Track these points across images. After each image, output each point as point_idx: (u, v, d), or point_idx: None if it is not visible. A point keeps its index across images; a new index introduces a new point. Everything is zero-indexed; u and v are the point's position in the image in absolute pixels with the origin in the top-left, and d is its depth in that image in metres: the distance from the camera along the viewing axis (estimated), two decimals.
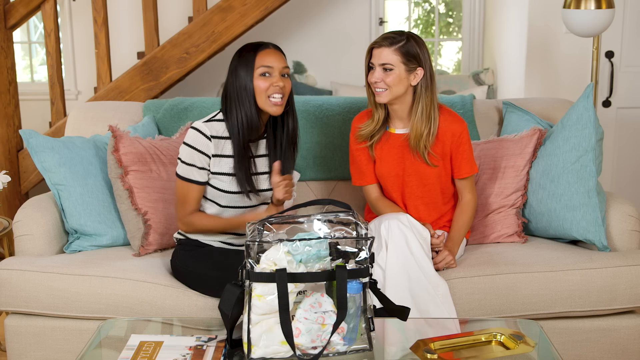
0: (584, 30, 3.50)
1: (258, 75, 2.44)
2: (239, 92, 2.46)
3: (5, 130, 4.33)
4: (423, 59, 2.59)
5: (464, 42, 5.71)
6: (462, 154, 2.68)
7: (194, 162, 2.49)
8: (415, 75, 2.59)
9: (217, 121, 2.53)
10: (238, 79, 2.46)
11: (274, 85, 2.44)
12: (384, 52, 2.57)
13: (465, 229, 2.73)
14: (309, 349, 1.95)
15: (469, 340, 2.07)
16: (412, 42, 2.57)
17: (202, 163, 2.50)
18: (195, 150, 2.48)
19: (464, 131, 2.67)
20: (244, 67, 2.45)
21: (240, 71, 2.46)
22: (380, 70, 2.57)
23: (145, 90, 4.38)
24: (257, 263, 1.94)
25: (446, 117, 2.67)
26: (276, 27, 5.39)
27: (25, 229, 2.75)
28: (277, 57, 2.47)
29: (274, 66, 2.45)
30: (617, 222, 2.76)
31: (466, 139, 2.68)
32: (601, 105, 4.14)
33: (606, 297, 2.60)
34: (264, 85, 2.44)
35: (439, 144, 2.67)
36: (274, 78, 2.45)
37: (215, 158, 2.51)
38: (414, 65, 2.57)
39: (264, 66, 2.44)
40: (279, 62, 2.47)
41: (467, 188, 2.74)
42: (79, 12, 5.40)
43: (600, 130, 2.77)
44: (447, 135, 2.66)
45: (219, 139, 2.50)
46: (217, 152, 2.51)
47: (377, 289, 2.05)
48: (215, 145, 2.49)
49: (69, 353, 2.61)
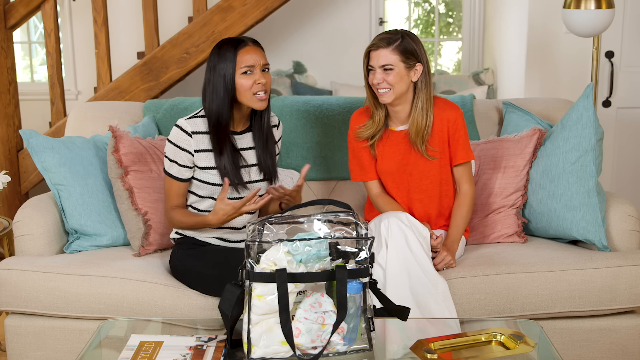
0: (584, 30, 3.50)
1: (240, 74, 2.46)
2: (216, 88, 2.49)
3: (5, 130, 4.33)
4: (420, 54, 2.62)
5: (464, 42, 5.70)
6: (458, 140, 2.70)
7: (176, 158, 2.54)
8: (415, 72, 2.62)
9: (200, 117, 2.56)
10: (216, 75, 2.48)
11: (257, 83, 2.47)
12: (382, 53, 2.58)
13: (465, 223, 2.73)
14: (309, 349, 1.95)
15: (469, 340, 2.07)
16: (408, 39, 2.60)
17: (184, 160, 2.53)
18: (177, 147, 2.53)
19: (459, 117, 2.70)
20: (224, 63, 2.47)
21: (220, 67, 2.47)
22: (381, 71, 2.59)
23: (145, 90, 4.38)
24: (257, 263, 1.94)
25: (441, 106, 2.70)
26: (276, 27, 5.39)
27: (25, 229, 2.75)
28: (257, 53, 2.49)
29: (255, 64, 2.47)
30: (617, 222, 2.76)
31: (461, 125, 2.70)
32: (601, 105, 4.14)
33: (606, 297, 2.60)
34: (248, 83, 2.46)
35: (436, 134, 2.69)
36: (256, 75, 2.47)
37: (198, 153, 2.53)
38: (412, 62, 2.60)
39: (246, 65, 2.46)
40: (260, 58, 2.49)
41: (464, 177, 2.74)
42: (79, 12, 5.40)
43: (600, 130, 2.77)
44: (443, 123, 2.68)
45: (202, 134, 2.53)
46: (200, 147, 2.53)
47: (377, 289, 2.05)
48: (197, 141, 2.52)
49: (69, 353, 2.61)
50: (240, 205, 2.44)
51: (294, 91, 5.04)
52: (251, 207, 2.44)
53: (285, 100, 3.25)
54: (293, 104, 3.21)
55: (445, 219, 2.80)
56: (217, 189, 2.56)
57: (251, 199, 2.43)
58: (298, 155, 3.15)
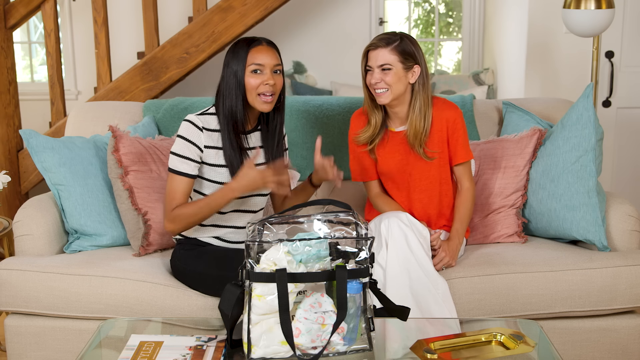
0: (584, 30, 3.50)
1: (249, 72, 2.45)
2: (228, 85, 2.48)
3: (5, 130, 4.33)
4: (419, 57, 2.63)
5: (464, 42, 5.70)
6: (458, 140, 2.71)
7: (185, 153, 2.48)
8: (413, 73, 2.62)
9: (210, 114, 2.54)
10: (229, 72, 2.47)
11: (264, 84, 2.44)
12: (381, 53, 2.58)
13: (468, 218, 2.73)
14: (309, 349, 1.95)
15: (469, 340, 2.07)
16: (407, 41, 2.61)
17: (193, 155, 2.49)
18: (187, 141, 2.48)
19: (459, 117, 2.71)
20: (236, 61, 2.46)
21: (232, 65, 2.47)
22: (379, 71, 2.59)
23: (145, 90, 4.38)
24: (257, 263, 1.94)
25: (440, 106, 2.71)
26: (276, 27, 5.39)
27: (25, 229, 2.75)
28: (269, 53, 2.46)
29: (265, 63, 2.44)
30: (617, 222, 2.76)
31: (461, 125, 2.71)
32: (601, 105, 4.14)
33: (606, 297, 2.60)
34: (255, 82, 2.44)
35: (435, 133, 2.69)
36: (265, 76, 2.45)
37: (208, 150, 2.51)
38: (410, 63, 2.60)
39: (255, 64, 2.44)
40: (271, 59, 2.46)
41: (465, 176, 2.75)
42: (79, 12, 5.40)
43: (600, 130, 2.77)
44: (442, 123, 2.69)
45: (211, 132, 2.51)
46: (210, 144, 2.51)
47: (377, 289, 2.06)
48: (206, 137, 2.50)
49: (69, 353, 2.62)
50: (268, 175, 2.34)
51: (294, 91, 5.04)
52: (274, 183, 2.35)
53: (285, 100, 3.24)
54: (293, 104, 3.21)
55: (445, 219, 2.81)
56: (212, 185, 2.54)
57: (281, 170, 2.37)
58: (298, 155, 3.15)
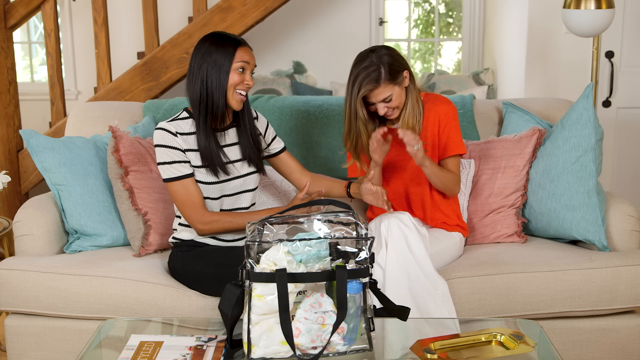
0: (584, 30, 3.50)
1: (235, 69, 2.49)
2: (211, 77, 2.48)
3: (5, 130, 4.34)
4: (403, 64, 2.63)
5: (464, 42, 5.71)
6: (449, 132, 2.72)
7: (171, 158, 2.49)
8: (405, 79, 2.65)
9: (182, 119, 2.55)
10: (210, 62, 2.48)
11: (245, 82, 2.51)
12: (377, 92, 2.58)
13: (443, 173, 2.67)
14: (309, 349, 1.95)
15: (469, 340, 2.07)
16: (386, 60, 2.57)
17: (180, 156, 2.50)
18: (166, 147, 2.49)
19: (451, 111, 2.72)
20: (222, 55, 2.48)
21: (216, 57, 2.48)
22: (383, 104, 2.61)
23: (145, 90, 4.38)
24: (257, 263, 1.94)
25: (433, 101, 2.73)
26: (276, 27, 5.40)
27: (25, 229, 2.75)
28: (251, 55, 2.54)
29: (250, 63, 2.52)
30: (617, 222, 2.76)
31: (452, 118, 2.72)
32: (601, 105, 4.14)
33: (606, 297, 2.60)
34: (238, 79, 2.49)
35: (429, 127, 2.72)
36: (246, 75, 2.51)
37: (188, 152, 2.52)
38: (400, 77, 2.61)
39: (244, 61, 2.49)
40: (253, 60, 2.54)
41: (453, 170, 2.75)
42: (79, 12, 5.41)
43: (600, 130, 2.77)
44: (435, 117, 2.71)
45: (186, 135, 2.53)
46: (188, 147, 2.52)
47: (377, 289, 2.06)
48: (182, 141, 2.51)
49: (69, 353, 2.62)
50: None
51: (294, 91, 5.04)
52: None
53: (285, 100, 3.25)
54: (293, 104, 3.21)
55: (442, 214, 2.80)
56: (209, 187, 2.54)
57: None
58: (298, 155, 3.15)
